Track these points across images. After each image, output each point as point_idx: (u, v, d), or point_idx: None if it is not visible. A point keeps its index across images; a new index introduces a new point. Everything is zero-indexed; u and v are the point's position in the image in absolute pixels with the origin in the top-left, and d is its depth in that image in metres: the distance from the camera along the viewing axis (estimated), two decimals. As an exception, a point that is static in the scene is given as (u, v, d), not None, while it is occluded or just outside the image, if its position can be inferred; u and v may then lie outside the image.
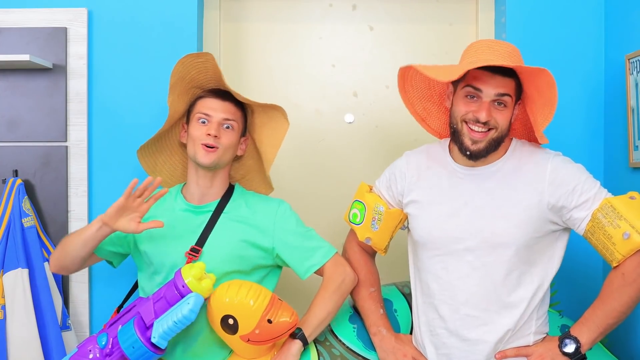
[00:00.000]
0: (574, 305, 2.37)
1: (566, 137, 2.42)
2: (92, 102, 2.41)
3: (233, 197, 2.05)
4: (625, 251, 1.73)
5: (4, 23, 2.39)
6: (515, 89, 1.82)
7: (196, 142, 1.96)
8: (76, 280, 2.39)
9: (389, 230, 2.01)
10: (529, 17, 2.43)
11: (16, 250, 2.25)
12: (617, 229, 1.74)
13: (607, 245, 1.76)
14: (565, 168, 1.83)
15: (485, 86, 1.79)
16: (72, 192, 2.40)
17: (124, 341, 1.79)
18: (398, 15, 2.62)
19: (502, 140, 1.84)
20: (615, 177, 2.32)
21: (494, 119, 1.80)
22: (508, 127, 1.84)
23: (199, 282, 1.78)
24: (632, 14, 2.23)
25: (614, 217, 1.75)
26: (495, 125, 1.80)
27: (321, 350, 1.95)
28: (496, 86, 1.79)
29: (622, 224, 1.74)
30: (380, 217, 2.00)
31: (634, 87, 2.17)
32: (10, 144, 2.40)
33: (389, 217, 1.99)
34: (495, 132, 1.81)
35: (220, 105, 1.98)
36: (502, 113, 1.81)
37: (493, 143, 1.82)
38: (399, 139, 2.59)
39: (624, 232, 1.73)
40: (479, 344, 1.84)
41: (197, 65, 1.98)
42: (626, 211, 1.75)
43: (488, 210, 1.83)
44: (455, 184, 1.89)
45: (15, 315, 2.21)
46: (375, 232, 2.01)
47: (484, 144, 1.81)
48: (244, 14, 2.62)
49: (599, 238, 1.78)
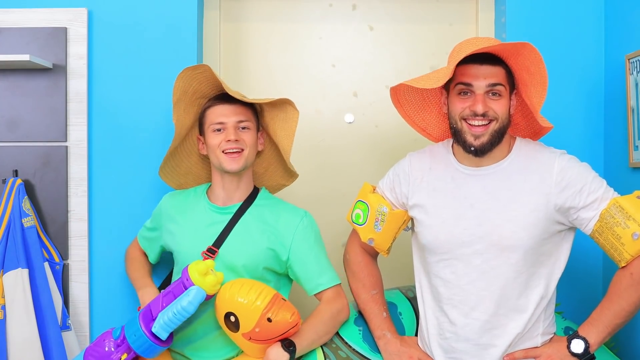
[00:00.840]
0: (574, 305, 2.37)
1: (566, 137, 2.41)
2: (92, 102, 2.41)
3: (257, 201, 2.06)
4: (634, 251, 1.73)
5: (4, 23, 2.38)
6: (506, 77, 1.81)
7: (217, 152, 1.97)
8: (76, 281, 2.39)
9: (392, 231, 2.00)
10: (529, 17, 2.43)
11: (16, 250, 2.25)
12: (626, 229, 1.73)
13: (616, 245, 1.75)
14: (572, 168, 1.81)
15: (474, 79, 1.78)
16: (72, 192, 2.40)
17: (128, 329, 1.84)
18: (398, 15, 2.62)
19: (505, 132, 1.82)
20: (615, 177, 2.32)
21: (491, 110, 1.77)
22: (508, 118, 1.82)
23: (202, 277, 1.81)
24: (632, 14, 2.23)
25: (623, 217, 1.74)
26: (494, 116, 1.78)
27: (327, 352, 1.94)
28: (486, 76, 1.77)
29: (631, 224, 1.73)
30: (383, 218, 1.98)
31: (634, 87, 2.17)
32: (10, 144, 2.39)
33: (392, 218, 1.98)
34: (496, 123, 1.79)
35: (231, 109, 1.99)
36: (498, 102, 1.79)
37: (496, 135, 1.79)
38: (399, 139, 2.59)
39: (634, 233, 1.72)
40: (489, 348, 1.83)
41: (197, 76, 1.98)
42: (635, 211, 1.74)
43: (494, 213, 1.81)
44: (460, 185, 1.87)
45: (15, 315, 2.21)
46: (379, 233, 1.99)
47: (487, 137, 1.78)
48: (244, 14, 2.62)
49: (607, 238, 1.77)
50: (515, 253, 1.79)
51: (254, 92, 2.53)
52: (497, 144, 1.81)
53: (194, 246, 2.00)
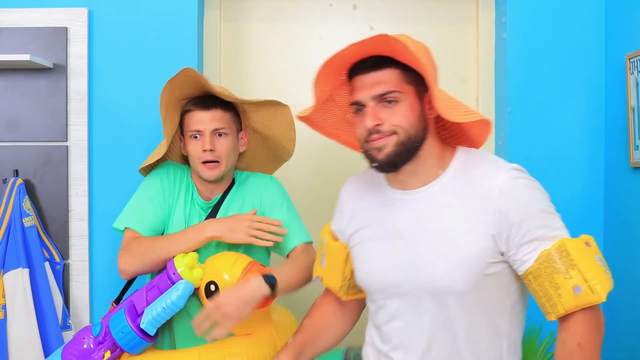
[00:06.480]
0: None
1: (566, 137, 2.41)
2: (93, 102, 2.41)
3: (233, 189, 2.06)
4: (570, 307, 1.42)
5: (4, 23, 2.38)
6: (403, 78, 1.46)
7: (195, 160, 1.97)
8: (77, 280, 2.40)
9: (338, 267, 1.69)
10: (530, 17, 2.42)
11: (17, 250, 2.25)
12: (567, 279, 1.41)
13: (551, 295, 1.43)
14: (517, 192, 1.45)
15: (360, 93, 1.47)
16: (72, 192, 2.40)
17: (114, 326, 1.80)
18: (398, 15, 2.62)
19: (416, 144, 1.47)
20: (615, 177, 2.32)
21: (386, 122, 1.45)
22: (421, 126, 1.48)
23: (190, 270, 1.80)
24: (632, 13, 2.22)
25: (566, 264, 1.41)
26: (391, 130, 1.45)
27: None
28: (370, 87, 1.46)
29: (574, 274, 1.41)
30: (326, 252, 1.73)
31: (634, 86, 2.17)
32: (10, 144, 2.40)
33: (331, 251, 1.71)
34: (398, 136, 1.45)
35: (207, 115, 1.95)
36: (393, 111, 1.45)
37: (403, 148, 1.46)
38: (399, 139, 2.58)
39: (576, 286, 1.40)
40: None
41: (178, 83, 1.95)
42: (581, 260, 1.42)
43: (425, 247, 1.48)
44: (389, 213, 1.55)
45: (15, 315, 2.21)
46: (324, 269, 1.73)
47: (391, 147, 1.45)
48: (244, 14, 2.62)
49: (542, 284, 1.43)
50: (450, 296, 1.46)
51: (253, 92, 2.53)
52: (411, 158, 1.48)
53: None
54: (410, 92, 1.47)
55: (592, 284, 1.40)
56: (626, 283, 2.18)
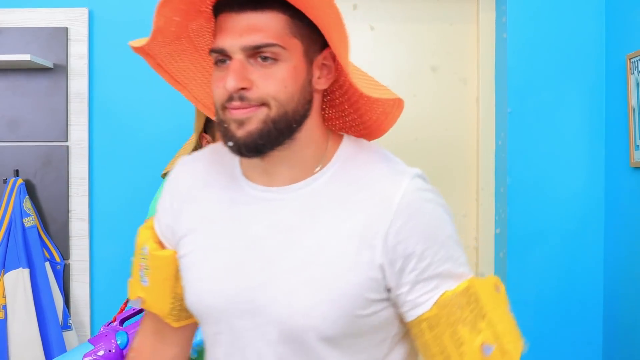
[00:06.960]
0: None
1: (567, 137, 2.41)
2: (93, 102, 2.42)
3: None
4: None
5: (4, 23, 2.39)
6: (290, 27, 0.98)
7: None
8: (77, 280, 2.40)
9: (165, 284, 1.15)
10: (530, 17, 2.42)
11: (17, 250, 2.25)
12: (473, 333, 1.01)
13: (449, 352, 1.02)
14: (425, 210, 1.02)
15: (226, 39, 0.97)
16: (72, 192, 2.40)
17: None
18: (398, 15, 2.62)
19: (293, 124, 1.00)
20: (616, 177, 2.32)
21: (256, 87, 0.96)
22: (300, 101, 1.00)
23: None
24: (632, 13, 2.22)
25: (476, 313, 1.02)
26: (263, 98, 0.96)
27: None
28: (242, 32, 0.96)
29: (484, 327, 1.01)
30: (147, 265, 1.17)
31: (634, 86, 2.17)
32: (11, 144, 2.40)
33: (155, 263, 1.15)
34: (270, 110, 0.97)
35: None
36: (269, 73, 0.97)
37: (272, 126, 0.98)
38: (398, 139, 2.58)
39: (485, 344, 1.01)
40: None
41: None
42: (493, 309, 1.03)
43: (284, 267, 1.02)
44: (240, 213, 1.07)
45: (16, 314, 2.21)
46: (146, 288, 1.16)
47: (256, 124, 0.97)
48: (244, 13, 2.62)
49: (439, 336, 1.01)
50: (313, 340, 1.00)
51: (254, 91, 2.53)
52: (283, 142, 1.00)
53: None
54: (297, 50, 1.00)
55: (504, 343, 1.02)
56: (626, 283, 2.18)
